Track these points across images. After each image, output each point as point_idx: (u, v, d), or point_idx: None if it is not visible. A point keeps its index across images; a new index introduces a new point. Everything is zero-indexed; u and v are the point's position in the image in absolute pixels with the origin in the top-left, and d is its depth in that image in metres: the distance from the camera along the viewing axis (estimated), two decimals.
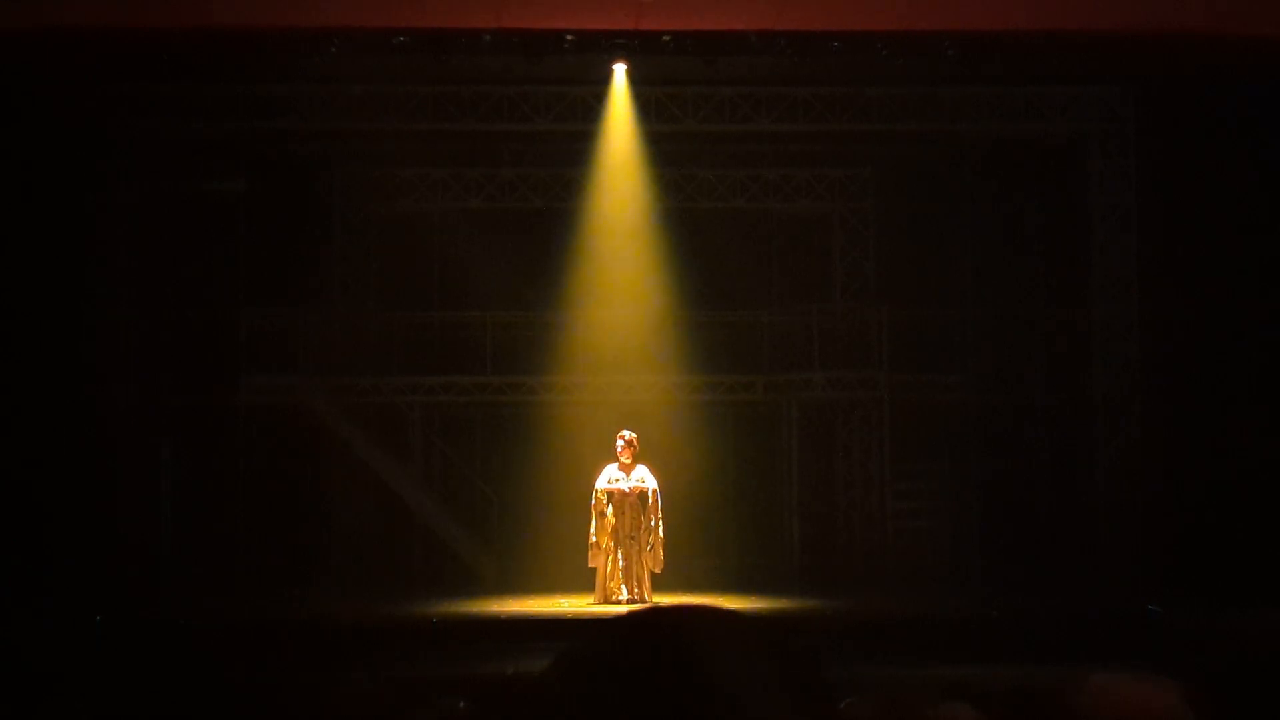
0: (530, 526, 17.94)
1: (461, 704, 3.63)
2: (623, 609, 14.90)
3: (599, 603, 15.26)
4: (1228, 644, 10.91)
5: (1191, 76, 15.54)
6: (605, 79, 16.52)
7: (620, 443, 15.51)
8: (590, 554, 15.46)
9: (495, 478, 18.65)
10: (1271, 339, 15.81)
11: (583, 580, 15.67)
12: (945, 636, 13.34)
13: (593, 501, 15.48)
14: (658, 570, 15.38)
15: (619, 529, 15.35)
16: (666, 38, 14.99)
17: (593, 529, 15.44)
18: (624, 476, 15.44)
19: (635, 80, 16.55)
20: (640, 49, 15.43)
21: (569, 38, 14.91)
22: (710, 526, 18.15)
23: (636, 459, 15.53)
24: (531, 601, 15.73)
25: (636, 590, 15.33)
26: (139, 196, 17.03)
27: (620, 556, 15.34)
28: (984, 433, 18.37)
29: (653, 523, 15.35)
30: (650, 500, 15.38)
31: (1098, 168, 17.12)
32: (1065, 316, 17.77)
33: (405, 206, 18.75)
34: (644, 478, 15.47)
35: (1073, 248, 17.50)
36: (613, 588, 15.33)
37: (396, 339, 18.50)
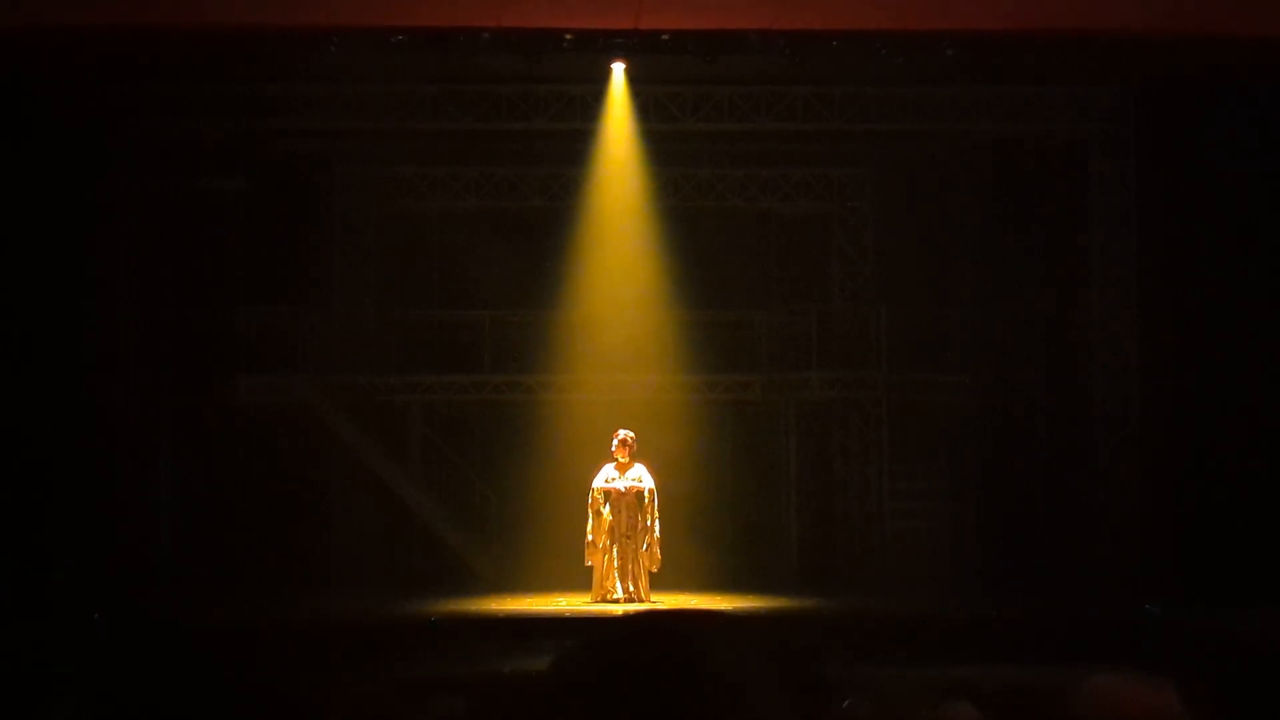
0: (528, 525, 17.93)
1: (462, 706, 3.64)
2: (619, 608, 15.00)
3: (595, 601, 15.29)
4: (1228, 644, 10.91)
5: (1191, 77, 15.53)
6: (604, 78, 16.52)
7: (616, 441, 15.53)
8: (587, 552, 15.47)
9: (494, 476, 18.64)
10: (1271, 339, 15.80)
11: (580, 579, 15.68)
12: (945, 636, 13.33)
13: (589, 500, 15.49)
14: (654, 569, 15.38)
15: (615, 528, 15.36)
16: (666, 37, 14.99)
17: (590, 528, 15.46)
18: (620, 475, 15.46)
19: (634, 79, 16.55)
20: (639, 48, 15.43)
21: (568, 37, 14.91)
22: (708, 526, 18.12)
23: (633, 458, 15.54)
24: (530, 600, 15.74)
25: (632, 589, 15.34)
26: (139, 196, 17.04)
27: (616, 555, 15.35)
28: (984, 433, 18.35)
29: (649, 522, 15.35)
30: (647, 499, 15.39)
31: (1098, 168, 17.11)
32: (1065, 317, 17.76)
33: (405, 205, 18.75)
34: (640, 477, 15.48)
35: (1073, 249, 17.49)
36: (609, 586, 15.34)
37: (395, 338, 18.49)
